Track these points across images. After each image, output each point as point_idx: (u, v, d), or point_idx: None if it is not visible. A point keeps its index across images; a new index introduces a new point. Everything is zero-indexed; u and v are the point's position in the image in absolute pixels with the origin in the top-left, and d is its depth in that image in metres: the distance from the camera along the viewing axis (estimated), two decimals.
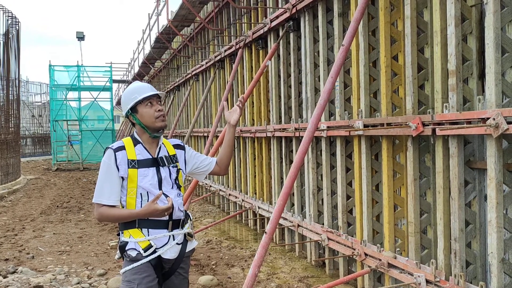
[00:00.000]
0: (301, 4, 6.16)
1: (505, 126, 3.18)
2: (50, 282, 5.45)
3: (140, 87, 2.82)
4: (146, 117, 2.75)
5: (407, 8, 4.26)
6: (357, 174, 5.14)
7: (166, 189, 2.76)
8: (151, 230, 2.70)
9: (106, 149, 2.75)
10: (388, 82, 4.58)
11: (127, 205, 2.73)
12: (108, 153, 2.72)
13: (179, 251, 2.78)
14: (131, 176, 2.70)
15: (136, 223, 2.70)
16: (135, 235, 2.70)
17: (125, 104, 2.82)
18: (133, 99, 2.78)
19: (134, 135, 2.83)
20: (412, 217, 4.28)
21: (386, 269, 4.50)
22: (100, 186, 2.71)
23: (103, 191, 2.70)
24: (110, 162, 2.69)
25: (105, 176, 2.71)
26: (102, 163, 2.73)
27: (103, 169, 2.72)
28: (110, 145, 2.78)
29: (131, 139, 2.81)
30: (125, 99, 2.83)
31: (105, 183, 2.70)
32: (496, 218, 3.37)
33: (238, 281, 5.59)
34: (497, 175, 3.38)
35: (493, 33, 3.36)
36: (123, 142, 2.78)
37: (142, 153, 2.76)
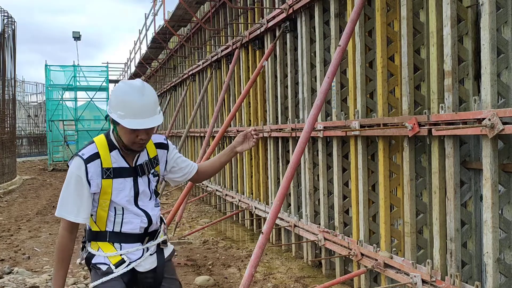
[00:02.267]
0: (298, 5, 6.16)
1: (501, 126, 3.19)
2: (46, 283, 5.43)
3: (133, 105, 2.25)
4: (125, 138, 2.33)
5: (403, 9, 4.27)
6: (354, 175, 5.15)
7: (143, 203, 2.45)
8: (123, 245, 2.42)
9: (75, 156, 2.34)
10: (385, 83, 4.60)
11: (97, 218, 2.41)
12: (78, 163, 2.32)
13: (156, 260, 2.50)
14: (105, 187, 2.35)
15: (107, 237, 2.41)
16: (105, 248, 2.41)
17: (111, 104, 2.33)
18: (119, 114, 2.27)
19: (110, 137, 2.41)
20: (408, 217, 4.29)
21: (383, 269, 4.51)
22: (66, 200, 2.34)
23: (69, 205, 2.34)
24: (80, 174, 2.31)
25: (73, 190, 2.32)
26: (69, 173, 2.33)
27: (70, 181, 2.32)
28: (80, 152, 2.35)
29: (106, 141, 2.39)
30: (113, 100, 2.33)
31: (73, 197, 2.33)
32: (492, 218, 3.39)
33: (234, 281, 5.59)
34: (493, 176, 3.39)
35: (489, 34, 3.38)
36: (96, 146, 2.36)
37: (118, 161, 2.38)
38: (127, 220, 2.41)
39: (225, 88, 8.82)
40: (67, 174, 2.37)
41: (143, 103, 2.26)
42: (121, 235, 2.41)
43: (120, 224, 2.41)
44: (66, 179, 2.35)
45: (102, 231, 2.41)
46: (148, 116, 2.27)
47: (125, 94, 2.28)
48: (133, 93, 2.26)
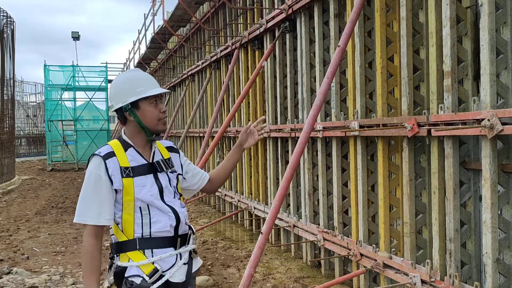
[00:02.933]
0: (297, 5, 6.17)
1: (500, 127, 3.20)
2: (45, 283, 5.43)
3: (145, 79, 2.31)
4: (149, 117, 2.27)
5: (402, 10, 4.28)
6: (353, 175, 5.15)
7: (169, 199, 2.31)
8: (155, 251, 2.24)
9: (92, 156, 2.24)
10: (384, 83, 4.60)
11: (123, 222, 2.24)
12: (96, 161, 2.21)
13: (186, 272, 2.32)
14: (127, 187, 2.22)
15: (137, 245, 2.23)
16: (136, 258, 2.22)
17: (122, 96, 2.27)
18: (138, 92, 2.25)
19: (122, 137, 2.33)
20: (408, 218, 4.29)
21: (382, 270, 4.52)
22: (85, 203, 2.19)
23: (90, 208, 2.18)
24: (99, 172, 2.19)
25: (92, 191, 2.19)
26: (88, 174, 2.21)
27: (89, 182, 2.19)
28: (96, 152, 2.27)
29: (119, 142, 2.31)
30: (123, 89, 2.28)
31: (93, 198, 2.18)
32: (491, 219, 3.39)
33: (234, 282, 5.60)
34: (492, 176, 3.40)
35: (488, 34, 3.38)
36: (111, 146, 2.28)
37: (135, 159, 2.28)
38: (155, 219, 2.25)
39: (224, 88, 8.82)
40: (85, 177, 2.24)
41: (148, 76, 2.36)
42: (151, 240, 2.24)
43: (149, 225, 2.24)
44: (85, 181, 2.22)
45: (131, 239, 2.23)
46: (158, 85, 2.35)
47: (130, 76, 2.34)
48: (134, 73, 2.37)
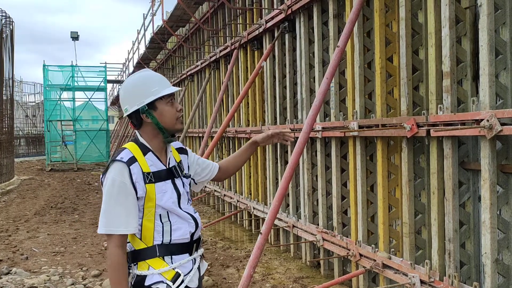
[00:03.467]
0: (297, 5, 6.17)
1: (499, 127, 3.20)
2: (44, 283, 5.42)
3: (158, 78, 2.24)
4: (167, 117, 2.19)
5: (402, 10, 4.28)
6: (352, 175, 5.16)
7: (184, 205, 2.25)
8: (174, 257, 2.18)
9: (113, 162, 2.11)
10: (383, 83, 4.60)
11: (143, 231, 2.15)
12: (119, 167, 2.08)
13: (198, 276, 2.29)
14: (149, 193, 2.13)
15: (157, 252, 2.15)
16: (156, 265, 2.14)
17: (137, 98, 2.18)
18: (153, 92, 2.17)
19: (140, 141, 2.22)
20: (407, 218, 4.30)
21: (381, 270, 4.52)
22: (111, 212, 2.07)
23: (116, 217, 2.07)
24: (123, 179, 2.07)
25: (117, 199, 2.07)
26: (110, 181, 2.07)
27: (113, 190, 2.07)
28: (117, 157, 2.13)
29: (137, 145, 2.20)
30: (137, 91, 2.19)
31: (118, 207, 2.07)
32: (490, 219, 3.40)
33: (233, 282, 5.60)
34: (491, 176, 3.40)
35: (487, 35, 3.39)
36: (130, 151, 2.16)
37: (155, 164, 2.19)
38: (176, 227, 2.18)
39: (224, 88, 8.82)
40: (106, 184, 2.09)
41: (160, 75, 2.30)
42: (171, 246, 2.17)
43: (169, 233, 2.17)
44: (107, 189, 2.07)
45: (149, 246, 2.15)
46: (170, 84, 2.27)
47: (142, 77, 2.24)
48: (145, 73, 2.27)
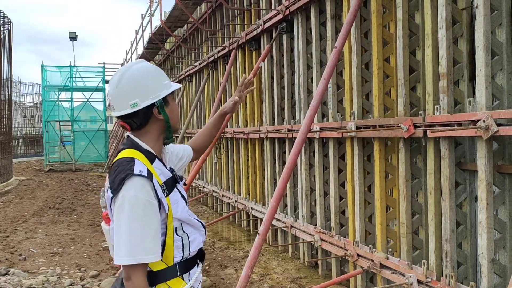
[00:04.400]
0: (294, 6, 6.18)
1: (495, 128, 3.22)
2: (42, 284, 5.43)
3: (162, 71, 2.03)
4: (175, 114, 1.98)
5: (399, 11, 4.30)
6: (350, 175, 5.17)
7: (191, 212, 2.07)
8: (190, 272, 2.00)
9: (131, 176, 1.77)
10: (380, 84, 4.62)
11: (165, 250, 1.90)
12: (141, 183, 1.78)
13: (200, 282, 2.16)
14: (169, 207, 1.89)
15: (178, 271, 1.92)
16: (177, 285, 1.93)
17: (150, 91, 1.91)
18: (166, 85, 1.95)
19: (142, 146, 1.92)
20: (404, 218, 4.31)
21: (378, 270, 4.53)
22: (135, 237, 1.75)
23: (142, 243, 1.75)
24: (149, 197, 1.78)
25: (142, 221, 1.76)
26: (133, 200, 1.76)
27: (136, 211, 1.75)
28: (134, 170, 1.79)
29: (141, 153, 1.90)
30: (150, 83, 1.92)
31: (145, 230, 1.76)
32: (487, 219, 3.41)
33: (231, 282, 5.61)
34: (487, 177, 3.42)
35: (483, 36, 3.41)
36: (140, 161, 1.85)
37: (163, 172, 1.94)
38: (192, 238, 1.99)
39: (222, 88, 8.83)
40: (125, 203, 1.76)
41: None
42: (188, 261, 1.97)
43: (188, 246, 1.97)
44: (128, 210, 1.75)
45: (170, 266, 1.91)
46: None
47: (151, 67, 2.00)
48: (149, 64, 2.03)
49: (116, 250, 1.78)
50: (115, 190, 1.79)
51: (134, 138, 1.95)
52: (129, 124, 1.94)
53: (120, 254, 1.75)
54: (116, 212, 1.80)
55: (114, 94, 1.93)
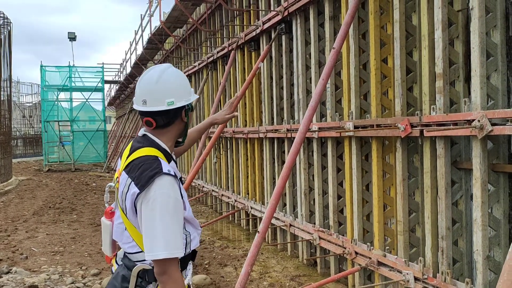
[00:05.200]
0: (293, 7, 6.25)
1: (490, 127, 3.29)
2: (44, 282, 5.49)
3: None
4: (190, 120, 2.11)
5: (396, 12, 4.37)
6: (348, 175, 5.24)
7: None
8: (188, 267, 2.10)
9: (160, 175, 1.85)
10: (378, 85, 4.69)
11: None
12: (170, 182, 1.86)
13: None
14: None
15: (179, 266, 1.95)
16: None
17: (185, 93, 2.02)
18: (192, 92, 2.09)
19: (161, 146, 2.00)
20: (401, 216, 4.38)
21: (376, 267, 4.60)
22: (171, 233, 1.82)
23: (176, 238, 1.84)
24: (177, 195, 1.86)
25: (173, 218, 1.83)
26: (166, 197, 1.83)
27: (168, 207, 1.82)
28: (161, 168, 1.87)
29: (160, 152, 1.97)
30: (186, 86, 2.04)
31: (176, 226, 1.84)
32: (481, 217, 3.49)
33: (231, 280, 5.67)
34: (482, 175, 3.49)
35: (478, 37, 3.48)
36: (163, 159, 1.94)
37: (176, 172, 1.99)
38: (193, 236, 2.07)
39: (221, 89, 8.90)
40: (156, 200, 1.82)
41: None
42: (186, 259, 2.04)
43: (190, 244, 2.05)
44: (160, 206, 1.82)
45: None
46: None
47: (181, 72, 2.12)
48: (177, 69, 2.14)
49: (149, 245, 1.82)
50: (142, 186, 1.84)
51: (153, 137, 2.01)
52: (156, 121, 1.98)
53: (155, 250, 1.80)
54: (145, 209, 1.84)
55: (152, 89, 1.98)
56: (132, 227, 1.96)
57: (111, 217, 2.11)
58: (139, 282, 1.96)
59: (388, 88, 4.76)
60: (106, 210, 2.14)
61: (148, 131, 2.04)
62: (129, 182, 1.91)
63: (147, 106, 1.98)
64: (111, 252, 2.15)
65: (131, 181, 1.90)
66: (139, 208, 1.87)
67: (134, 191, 1.87)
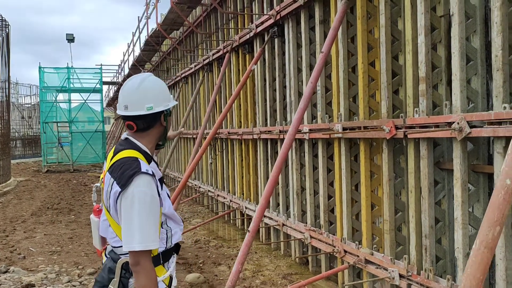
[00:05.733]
0: (285, 11, 6.38)
1: (468, 129, 3.42)
2: (41, 281, 5.61)
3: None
4: (169, 124, 2.29)
5: (381, 18, 4.50)
6: (338, 175, 5.37)
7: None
8: (170, 260, 2.25)
9: (139, 174, 2.01)
10: (365, 87, 4.82)
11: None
12: (147, 180, 2.03)
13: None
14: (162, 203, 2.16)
15: (161, 260, 2.18)
16: (160, 273, 2.16)
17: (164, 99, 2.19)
18: (171, 98, 2.25)
19: (141, 148, 2.16)
20: (388, 216, 4.51)
21: (364, 265, 4.73)
22: (146, 227, 1.99)
23: (151, 232, 2.01)
24: (153, 193, 2.03)
25: (149, 213, 2.00)
26: (142, 195, 1.99)
27: (145, 204, 1.99)
28: (140, 168, 2.03)
29: (140, 154, 2.13)
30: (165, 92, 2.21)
31: (151, 221, 2.01)
32: (462, 216, 3.62)
33: (224, 278, 5.80)
34: (463, 175, 3.62)
35: (458, 42, 3.61)
36: (143, 161, 2.10)
37: (156, 172, 2.16)
38: (174, 231, 2.24)
39: (217, 90, 9.03)
40: (135, 198, 1.99)
41: None
42: (168, 251, 2.22)
43: (171, 239, 2.22)
44: (138, 203, 1.98)
45: (155, 255, 2.14)
46: None
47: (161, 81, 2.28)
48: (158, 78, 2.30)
49: (126, 238, 2.00)
50: (123, 185, 2.01)
51: (134, 140, 2.19)
52: (137, 125, 2.16)
53: (131, 242, 1.98)
54: (124, 205, 2.01)
55: (133, 95, 2.16)
56: (115, 223, 2.12)
57: (99, 215, 2.29)
58: (123, 273, 2.12)
59: (376, 91, 4.89)
60: (94, 208, 2.33)
61: (130, 134, 2.20)
62: (112, 181, 2.07)
63: (128, 111, 2.15)
64: (101, 246, 2.33)
65: (114, 181, 2.06)
66: (119, 205, 2.04)
67: (116, 189, 2.04)
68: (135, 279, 2.02)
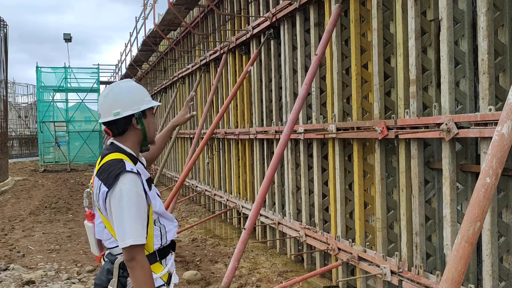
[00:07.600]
0: (281, 13, 6.50)
1: (456, 130, 3.55)
2: (41, 278, 5.72)
3: (145, 90, 2.39)
4: (151, 127, 2.32)
5: (374, 21, 4.62)
6: (332, 174, 5.49)
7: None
8: (167, 258, 2.33)
9: (125, 173, 2.10)
10: (359, 89, 4.94)
11: (147, 237, 2.19)
12: (133, 178, 2.12)
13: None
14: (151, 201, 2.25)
15: (157, 257, 2.27)
16: (157, 270, 2.25)
17: (132, 103, 2.24)
18: (147, 101, 2.29)
19: (126, 150, 2.25)
20: (380, 214, 4.64)
21: (357, 262, 4.86)
22: (135, 223, 2.08)
23: (140, 227, 2.10)
24: (139, 190, 2.12)
25: (137, 210, 2.09)
26: (128, 192, 2.08)
27: (132, 201, 2.08)
28: (125, 167, 2.12)
29: (126, 156, 2.22)
30: (134, 96, 2.26)
31: (138, 217, 2.10)
32: (450, 214, 3.74)
33: (221, 276, 5.91)
34: (451, 175, 3.75)
35: (447, 46, 3.74)
36: (128, 161, 2.19)
37: (143, 172, 2.26)
38: (168, 229, 2.32)
39: (213, 90, 9.14)
40: (122, 196, 2.08)
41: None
42: (164, 249, 2.31)
43: (165, 236, 2.30)
44: (125, 201, 2.08)
45: (151, 253, 2.23)
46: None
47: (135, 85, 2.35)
48: (135, 83, 2.39)
49: (119, 235, 2.08)
50: (110, 185, 2.10)
51: (119, 144, 2.28)
52: (111, 130, 2.27)
53: (124, 238, 2.06)
54: (113, 203, 2.10)
55: (102, 103, 2.28)
56: (108, 224, 2.21)
57: (92, 219, 2.36)
58: (121, 273, 2.18)
59: (369, 92, 5.01)
60: (86, 213, 2.39)
61: (115, 139, 2.30)
62: (100, 183, 2.17)
63: (101, 118, 2.28)
64: (99, 251, 2.40)
65: (101, 183, 2.16)
66: (108, 205, 2.13)
67: (104, 190, 2.13)
68: (130, 274, 2.09)
